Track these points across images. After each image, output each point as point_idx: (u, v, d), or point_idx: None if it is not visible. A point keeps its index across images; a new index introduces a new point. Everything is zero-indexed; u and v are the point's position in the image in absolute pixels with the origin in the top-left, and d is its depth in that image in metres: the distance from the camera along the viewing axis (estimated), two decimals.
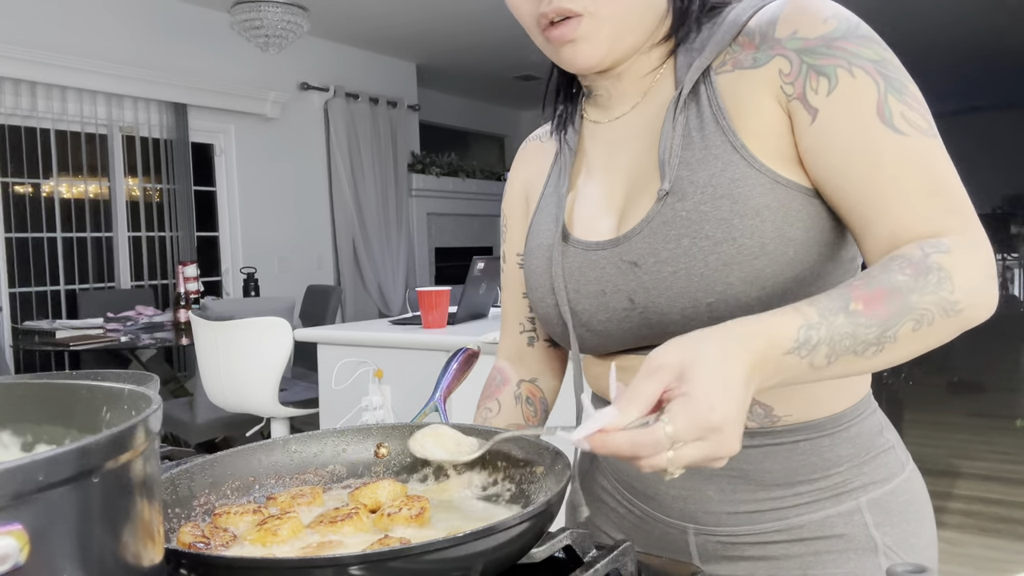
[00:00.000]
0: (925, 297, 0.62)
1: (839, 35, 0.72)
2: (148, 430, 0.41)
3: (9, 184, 4.26)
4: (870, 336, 0.61)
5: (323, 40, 5.81)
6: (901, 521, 0.80)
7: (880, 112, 0.69)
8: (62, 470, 0.34)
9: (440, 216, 7.09)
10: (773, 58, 0.74)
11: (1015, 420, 4.82)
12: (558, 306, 0.84)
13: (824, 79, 0.71)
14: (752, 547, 0.81)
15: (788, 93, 0.73)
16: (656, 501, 0.85)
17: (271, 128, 5.52)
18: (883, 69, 0.70)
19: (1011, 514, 3.39)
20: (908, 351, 0.64)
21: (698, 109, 0.77)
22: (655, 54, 0.83)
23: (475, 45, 6.07)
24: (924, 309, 0.62)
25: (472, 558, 0.52)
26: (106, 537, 0.38)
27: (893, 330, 0.62)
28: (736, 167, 0.73)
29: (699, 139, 0.75)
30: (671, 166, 0.75)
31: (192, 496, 0.68)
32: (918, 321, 0.62)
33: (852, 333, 0.61)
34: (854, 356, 0.62)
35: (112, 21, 4.59)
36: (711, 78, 0.77)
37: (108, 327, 3.95)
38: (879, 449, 0.82)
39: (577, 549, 0.61)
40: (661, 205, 0.76)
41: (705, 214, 0.73)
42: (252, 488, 0.73)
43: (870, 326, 0.61)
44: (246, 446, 0.75)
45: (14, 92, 4.18)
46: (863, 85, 0.70)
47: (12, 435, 0.50)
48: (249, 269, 4.84)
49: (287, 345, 3.14)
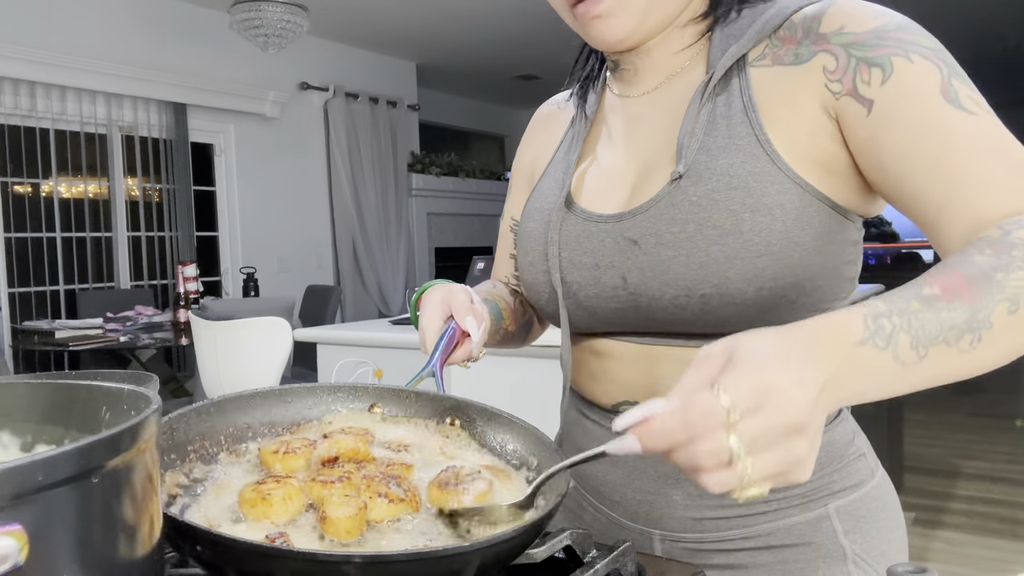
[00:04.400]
0: (1012, 274, 0.55)
1: (893, 28, 0.69)
2: (148, 430, 0.41)
3: (9, 184, 4.26)
4: (958, 320, 0.54)
5: (323, 40, 5.81)
6: (871, 528, 0.79)
7: (946, 93, 0.65)
8: (61, 470, 0.34)
9: (440, 216, 7.09)
10: (816, 54, 0.71)
11: (1015, 420, 4.82)
12: (549, 272, 0.83)
13: (877, 69, 0.67)
14: (718, 555, 0.79)
15: (835, 91, 0.69)
16: (622, 506, 0.83)
17: (271, 128, 5.52)
18: (943, 56, 0.67)
19: (1011, 514, 3.39)
20: (1013, 341, 0.56)
21: (728, 97, 0.75)
22: (689, 32, 0.80)
23: (475, 45, 6.07)
24: (1015, 287, 0.55)
25: (469, 556, 0.52)
26: (105, 537, 0.38)
27: (984, 312, 0.54)
28: (757, 160, 0.71)
29: (724, 127, 0.73)
30: (690, 149, 0.74)
31: (188, 441, 0.69)
32: (1012, 302, 0.55)
33: (935, 318, 0.54)
34: (947, 347, 0.54)
35: (112, 21, 4.59)
36: (746, 69, 0.75)
37: (108, 327, 3.95)
38: (850, 456, 0.80)
39: (577, 549, 0.61)
40: (673, 187, 0.73)
41: (716, 202, 0.71)
42: (245, 437, 0.73)
43: (954, 309, 0.54)
44: (243, 393, 0.75)
45: (14, 92, 4.18)
46: (924, 69, 0.66)
47: (12, 435, 0.50)
48: (249, 269, 4.84)
49: (287, 345, 3.14)
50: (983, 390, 5.58)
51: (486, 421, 0.75)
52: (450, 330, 0.81)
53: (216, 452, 0.70)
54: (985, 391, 5.48)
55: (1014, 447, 4.36)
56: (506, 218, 1.03)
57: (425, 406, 0.77)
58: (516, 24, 2.03)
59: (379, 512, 0.59)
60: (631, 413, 0.50)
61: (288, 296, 4.03)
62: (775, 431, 0.47)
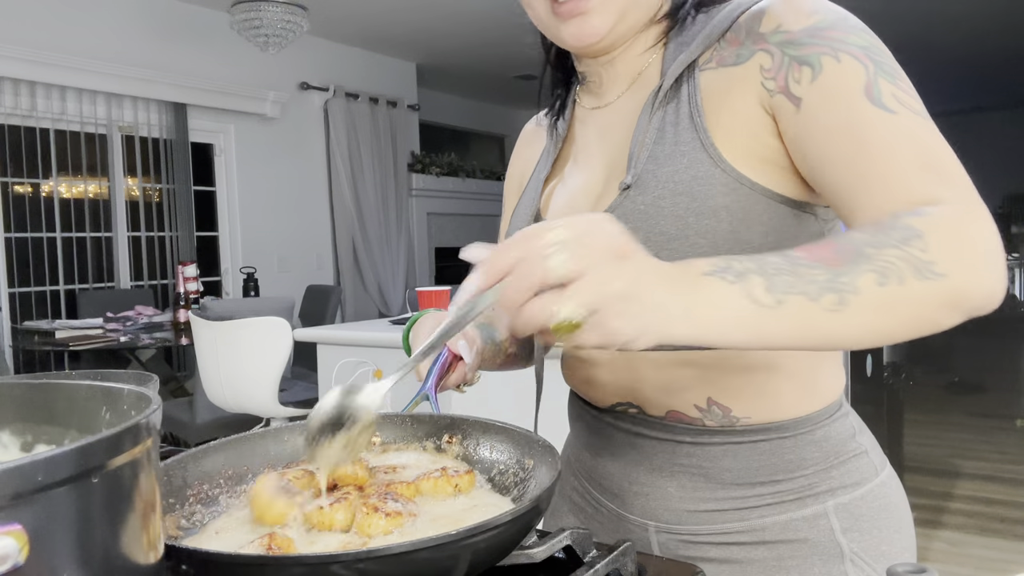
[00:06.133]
0: (886, 250, 0.54)
1: (825, 25, 0.70)
2: (148, 430, 0.41)
3: (9, 184, 4.26)
4: (819, 278, 0.53)
5: (323, 40, 5.81)
6: (872, 528, 0.78)
7: (869, 92, 0.65)
8: (62, 470, 0.34)
9: (440, 216, 7.09)
10: (755, 54, 0.73)
11: (1015, 420, 4.82)
12: None
13: (807, 68, 0.68)
14: (714, 548, 0.80)
15: (770, 89, 0.71)
16: (620, 498, 0.85)
17: (271, 128, 5.52)
18: (873, 54, 0.68)
19: (1011, 514, 3.39)
20: (886, 317, 0.55)
21: (677, 105, 0.76)
22: (650, 34, 0.82)
23: (475, 45, 6.06)
24: (887, 262, 0.54)
25: (460, 551, 0.52)
26: (106, 537, 0.38)
27: (849, 277, 0.53)
28: (700, 165, 0.72)
29: (672, 135, 0.75)
30: (639, 159, 0.76)
31: (186, 485, 0.69)
32: (882, 275, 0.53)
33: (792, 270, 0.53)
34: (808, 301, 0.53)
35: (112, 21, 4.59)
36: (695, 74, 0.76)
37: (108, 327, 3.94)
38: (850, 454, 0.80)
39: (577, 549, 0.61)
40: (623, 197, 0.76)
41: (662, 209, 0.73)
42: (246, 477, 0.73)
43: (815, 267, 0.54)
44: (239, 435, 0.76)
45: (14, 92, 4.17)
46: (850, 68, 0.67)
47: (12, 435, 0.50)
48: (249, 269, 4.84)
49: (287, 345, 3.14)
50: (983, 390, 5.58)
51: (481, 433, 0.76)
52: (443, 355, 0.83)
53: (216, 495, 0.70)
54: (985, 391, 5.49)
55: (1014, 447, 4.36)
56: (502, 235, 1.04)
57: (421, 428, 0.79)
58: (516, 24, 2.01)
59: (375, 527, 0.59)
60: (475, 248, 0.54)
61: (288, 296, 4.04)
62: (596, 249, 0.50)
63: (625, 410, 0.84)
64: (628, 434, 0.84)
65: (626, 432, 0.84)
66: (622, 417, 0.84)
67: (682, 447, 0.80)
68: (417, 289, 2.60)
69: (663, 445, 0.81)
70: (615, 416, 0.85)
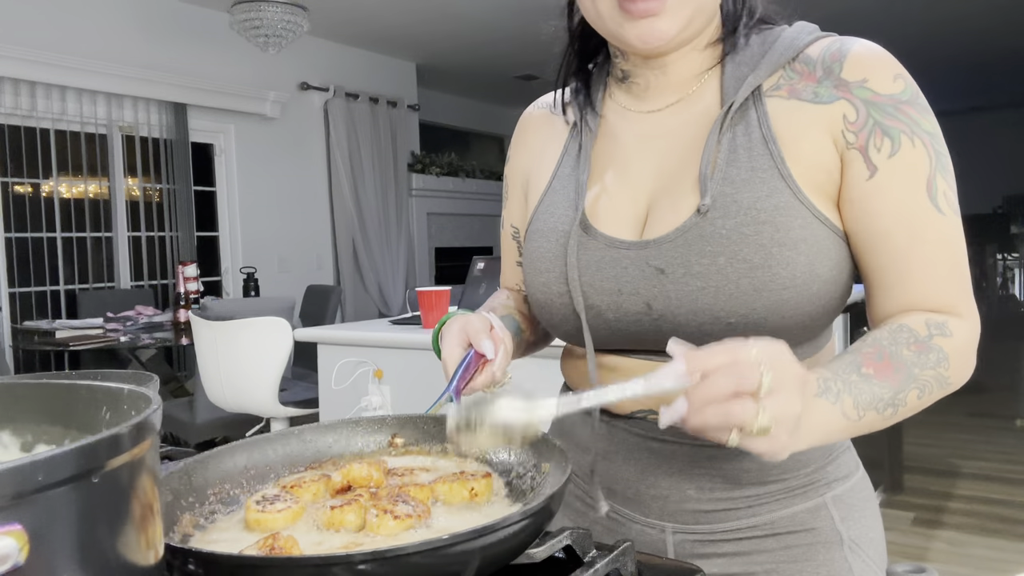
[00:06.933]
0: (926, 371, 0.71)
1: (906, 99, 0.74)
2: (148, 430, 0.41)
3: (9, 184, 4.26)
4: (886, 396, 0.69)
5: (323, 40, 5.81)
6: (861, 516, 0.84)
7: (929, 188, 0.73)
8: (62, 470, 0.34)
9: (440, 216, 7.09)
10: (838, 100, 0.75)
11: (1015, 420, 4.82)
12: (570, 295, 0.82)
13: (888, 140, 0.73)
14: (727, 543, 0.82)
15: (849, 141, 0.74)
16: (635, 503, 0.85)
17: (271, 128, 5.52)
18: (936, 144, 0.74)
19: (1011, 514, 3.39)
20: (908, 414, 0.73)
21: (746, 128, 0.76)
22: (706, 55, 0.82)
23: (475, 45, 6.06)
24: (925, 381, 0.71)
25: (468, 554, 0.52)
26: (106, 537, 0.38)
27: (903, 395, 0.69)
28: (781, 195, 0.73)
29: (746, 159, 0.75)
30: (713, 180, 0.75)
31: (207, 484, 0.69)
32: (921, 391, 0.70)
33: (869, 391, 0.68)
34: (876, 413, 0.68)
35: (112, 21, 4.59)
36: (762, 99, 0.77)
37: (108, 327, 3.94)
38: (840, 450, 0.85)
39: (577, 549, 0.61)
40: (699, 218, 0.75)
41: (746, 236, 0.73)
42: (267, 477, 0.73)
43: (884, 387, 0.69)
44: (262, 436, 0.76)
45: (14, 92, 4.17)
46: (920, 158, 0.73)
47: (12, 435, 0.50)
48: (249, 269, 4.84)
49: (287, 345, 3.14)
50: (983, 390, 5.58)
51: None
52: (469, 356, 0.82)
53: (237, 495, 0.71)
54: (985, 391, 5.48)
55: (1014, 447, 4.36)
56: (506, 226, 1.02)
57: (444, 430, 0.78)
58: (516, 24, 2.02)
59: (385, 529, 0.59)
60: (671, 367, 0.61)
61: (288, 296, 4.03)
62: (788, 375, 0.60)
63: (644, 416, 0.83)
64: (645, 439, 0.83)
65: (642, 437, 0.83)
66: (640, 423, 0.84)
67: (704, 451, 0.80)
68: (417, 289, 2.60)
69: (683, 449, 0.81)
70: (631, 422, 0.84)
